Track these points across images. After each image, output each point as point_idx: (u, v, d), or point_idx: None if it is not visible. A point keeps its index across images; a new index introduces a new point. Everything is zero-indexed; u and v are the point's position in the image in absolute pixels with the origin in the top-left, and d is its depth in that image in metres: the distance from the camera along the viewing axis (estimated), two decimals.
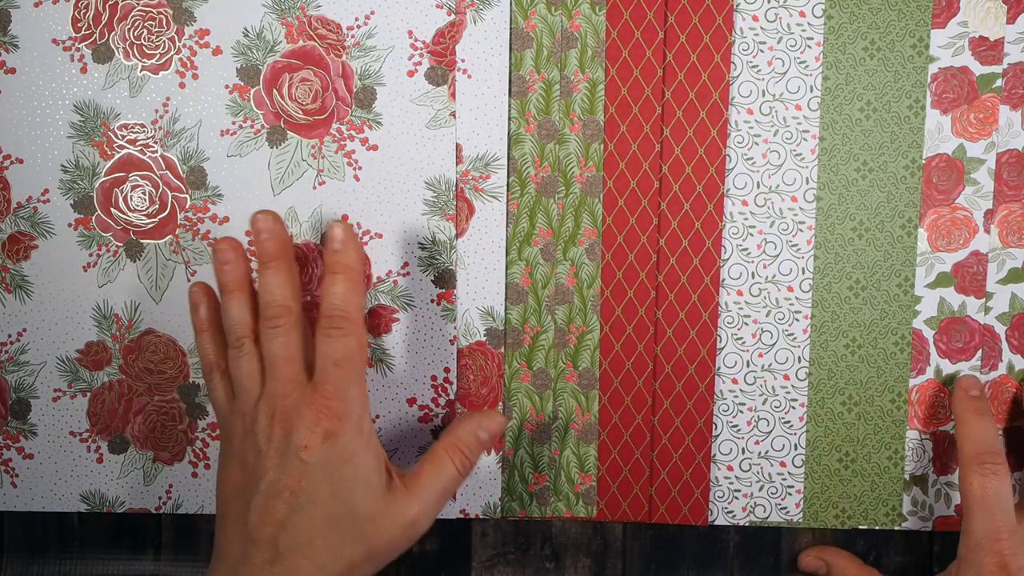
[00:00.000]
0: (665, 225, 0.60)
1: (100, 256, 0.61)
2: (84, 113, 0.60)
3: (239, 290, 0.56)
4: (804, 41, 0.60)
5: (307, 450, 0.52)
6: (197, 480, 0.62)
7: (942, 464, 0.62)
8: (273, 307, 0.54)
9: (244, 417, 0.54)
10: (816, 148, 0.60)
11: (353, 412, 0.53)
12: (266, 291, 0.55)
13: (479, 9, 0.59)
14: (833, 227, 0.61)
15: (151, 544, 0.64)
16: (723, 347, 0.61)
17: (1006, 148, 0.60)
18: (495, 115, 0.60)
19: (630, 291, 0.61)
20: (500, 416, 0.56)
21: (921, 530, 0.63)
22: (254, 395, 0.54)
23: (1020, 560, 0.55)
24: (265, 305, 0.54)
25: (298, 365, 0.54)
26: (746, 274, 0.61)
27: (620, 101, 0.60)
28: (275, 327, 0.54)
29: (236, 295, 0.55)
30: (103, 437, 0.62)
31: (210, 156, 0.60)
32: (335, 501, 0.52)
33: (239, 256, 0.56)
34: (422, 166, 0.60)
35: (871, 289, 0.61)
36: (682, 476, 0.62)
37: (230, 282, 0.56)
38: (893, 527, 0.62)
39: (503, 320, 0.61)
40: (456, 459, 0.55)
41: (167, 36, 0.60)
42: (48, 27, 0.60)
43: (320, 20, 0.60)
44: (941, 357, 0.61)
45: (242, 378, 0.54)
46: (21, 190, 0.61)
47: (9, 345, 0.61)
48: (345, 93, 0.60)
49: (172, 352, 0.62)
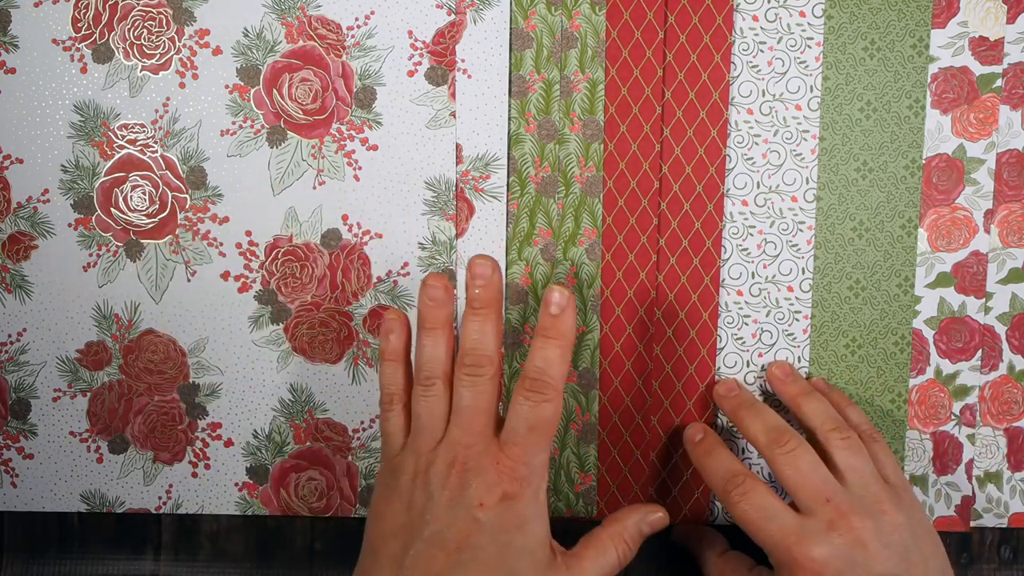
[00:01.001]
0: (665, 225, 0.60)
1: (100, 256, 0.61)
2: (84, 113, 0.60)
3: (440, 329, 0.54)
4: (804, 41, 0.60)
5: (482, 508, 0.50)
6: (197, 480, 0.62)
7: (942, 464, 0.62)
8: (476, 355, 0.53)
9: (419, 457, 0.52)
10: (816, 148, 0.60)
11: (534, 479, 0.52)
12: (471, 337, 0.53)
13: (479, 9, 0.59)
14: (833, 227, 0.61)
15: (151, 544, 0.64)
16: (723, 347, 0.61)
17: (1006, 148, 0.60)
18: (495, 115, 0.60)
19: (630, 291, 0.61)
20: (664, 513, 0.57)
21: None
22: (435, 438, 0.53)
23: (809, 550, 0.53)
24: (468, 351, 0.53)
25: (488, 418, 0.52)
26: (746, 274, 0.61)
27: (620, 101, 0.60)
28: (475, 375, 0.52)
29: (436, 333, 0.54)
30: (103, 437, 0.62)
31: (210, 156, 0.60)
32: (499, 566, 0.50)
33: (448, 296, 0.54)
34: (422, 166, 0.60)
35: (871, 289, 0.61)
36: (682, 476, 0.62)
37: (433, 319, 0.54)
38: None
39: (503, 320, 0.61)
40: (619, 548, 0.54)
41: (167, 36, 0.60)
42: (48, 27, 0.60)
43: (320, 20, 0.60)
44: (941, 357, 0.61)
45: (425, 417, 0.53)
46: (21, 190, 0.61)
47: (9, 345, 0.61)
48: (345, 93, 0.60)
49: (172, 352, 0.62)
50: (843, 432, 0.56)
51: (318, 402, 0.62)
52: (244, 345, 0.61)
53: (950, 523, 0.62)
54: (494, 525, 0.50)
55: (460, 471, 0.51)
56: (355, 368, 0.61)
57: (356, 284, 0.61)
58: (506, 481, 0.51)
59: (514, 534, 0.51)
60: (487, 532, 0.50)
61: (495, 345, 0.53)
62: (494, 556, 0.50)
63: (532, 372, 0.52)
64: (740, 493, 0.55)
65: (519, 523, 0.51)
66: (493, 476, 0.51)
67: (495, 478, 0.51)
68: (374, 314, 0.61)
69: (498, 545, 0.50)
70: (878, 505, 0.53)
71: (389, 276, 0.61)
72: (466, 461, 0.51)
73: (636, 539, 0.55)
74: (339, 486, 0.62)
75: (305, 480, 0.62)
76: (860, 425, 0.58)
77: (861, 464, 0.55)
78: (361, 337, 0.61)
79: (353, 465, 0.62)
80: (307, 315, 0.61)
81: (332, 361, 0.62)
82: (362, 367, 0.61)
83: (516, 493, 0.51)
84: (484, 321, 0.53)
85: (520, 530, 0.51)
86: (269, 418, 0.62)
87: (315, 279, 0.61)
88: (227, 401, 0.62)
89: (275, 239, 0.61)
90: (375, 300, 0.61)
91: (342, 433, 0.62)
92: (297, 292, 0.61)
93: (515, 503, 0.51)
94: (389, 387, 0.55)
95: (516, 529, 0.51)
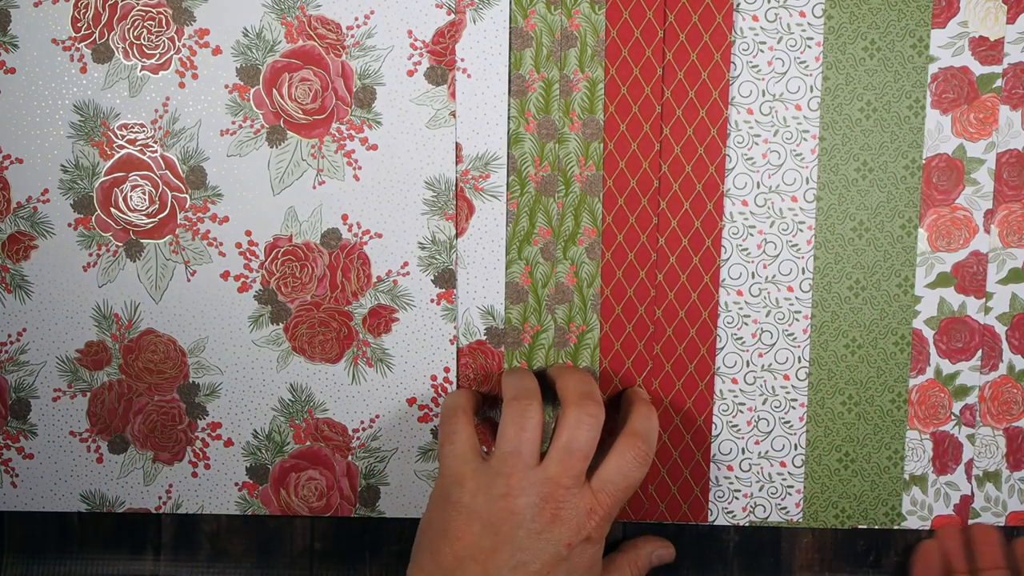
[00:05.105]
0: (665, 224, 0.60)
1: (100, 256, 0.61)
2: (84, 113, 0.60)
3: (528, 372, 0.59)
4: (804, 41, 0.60)
5: (568, 547, 0.53)
6: (197, 480, 0.62)
7: (942, 464, 0.62)
8: (594, 399, 0.55)
9: (507, 480, 0.53)
10: (816, 148, 0.60)
11: (608, 529, 0.55)
12: (588, 381, 0.56)
13: (479, 8, 0.59)
14: (833, 227, 0.61)
15: (151, 544, 0.64)
16: (723, 347, 0.61)
17: (1006, 148, 0.60)
18: (495, 114, 0.60)
19: (630, 290, 0.61)
20: (673, 550, 0.62)
21: (920, 529, 0.62)
22: (528, 465, 0.54)
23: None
24: (584, 393, 0.55)
25: (587, 463, 0.54)
26: (746, 274, 0.61)
27: (620, 100, 0.60)
28: (592, 416, 0.54)
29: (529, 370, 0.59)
30: (103, 437, 0.62)
31: (210, 156, 0.60)
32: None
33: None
34: (422, 166, 0.60)
35: (871, 289, 0.61)
36: (681, 474, 0.62)
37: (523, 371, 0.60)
38: (892, 526, 0.62)
39: (503, 319, 0.61)
40: (634, 570, 0.60)
41: (167, 36, 0.60)
42: (48, 27, 0.60)
43: (320, 20, 0.60)
44: (941, 357, 0.61)
45: (515, 441, 0.54)
46: (21, 190, 0.61)
47: (9, 345, 0.61)
48: (345, 93, 0.60)
49: (172, 352, 0.62)
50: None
51: (318, 402, 0.62)
52: (244, 345, 0.61)
53: (949, 522, 0.62)
54: (572, 563, 0.53)
55: (554, 507, 0.53)
56: (355, 368, 0.61)
57: (356, 284, 0.61)
58: (593, 527, 0.53)
59: (585, 574, 0.54)
60: (565, 568, 0.53)
61: (600, 395, 0.56)
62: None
63: (643, 431, 0.56)
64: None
65: (590, 565, 0.54)
66: (584, 520, 0.53)
67: (585, 522, 0.53)
68: (374, 314, 0.61)
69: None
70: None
71: (389, 276, 0.61)
72: (560, 500, 0.53)
73: (646, 567, 0.61)
74: (339, 486, 0.62)
75: (305, 480, 0.62)
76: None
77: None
78: (361, 337, 0.61)
79: (353, 465, 0.62)
80: (307, 315, 0.61)
81: (332, 361, 0.62)
82: (362, 367, 0.61)
83: (596, 538, 0.54)
84: (588, 374, 0.58)
85: (589, 571, 0.54)
86: (269, 418, 0.62)
87: (315, 279, 0.61)
88: (227, 401, 0.62)
89: (275, 239, 0.61)
90: (375, 300, 0.61)
91: (342, 433, 0.62)
92: (297, 292, 0.61)
93: (591, 546, 0.54)
94: (459, 401, 0.58)
95: (587, 570, 0.54)
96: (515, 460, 0.54)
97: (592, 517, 0.53)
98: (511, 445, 0.54)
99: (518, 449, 0.54)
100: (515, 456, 0.54)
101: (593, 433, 0.54)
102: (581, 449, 0.54)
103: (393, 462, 0.62)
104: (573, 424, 0.54)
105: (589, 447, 0.54)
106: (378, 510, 0.62)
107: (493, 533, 0.53)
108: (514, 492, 0.53)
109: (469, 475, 0.54)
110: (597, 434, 0.54)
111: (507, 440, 0.54)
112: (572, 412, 0.54)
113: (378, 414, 0.62)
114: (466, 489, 0.54)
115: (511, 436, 0.54)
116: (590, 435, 0.54)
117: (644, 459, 0.55)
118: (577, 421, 0.54)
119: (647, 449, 0.55)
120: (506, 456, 0.54)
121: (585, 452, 0.54)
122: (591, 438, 0.54)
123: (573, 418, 0.54)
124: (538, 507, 0.53)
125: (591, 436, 0.54)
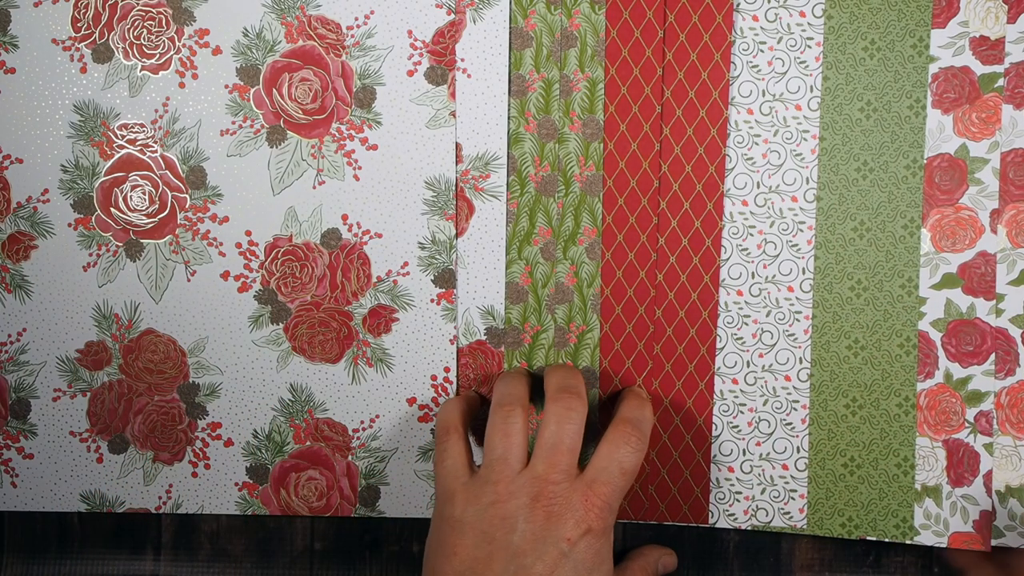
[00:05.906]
0: (665, 224, 0.60)
1: (100, 256, 0.61)
2: (84, 113, 0.60)
3: (520, 375, 0.58)
4: (804, 41, 0.60)
5: (569, 543, 0.52)
6: (197, 480, 0.62)
7: (957, 475, 0.60)
8: (573, 392, 0.55)
9: (495, 487, 0.53)
10: (816, 148, 0.60)
11: (612, 520, 0.54)
12: (568, 376, 0.56)
13: (479, 8, 0.59)
14: (834, 227, 0.60)
15: (151, 544, 0.64)
16: (723, 347, 0.61)
17: (1010, 148, 0.60)
18: (495, 114, 0.60)
19: (630, 290, 0.60)
20: (675, 558, 0.62)
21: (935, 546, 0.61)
22: (514, 469, 0.54)
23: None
24: (563, 387, 0.55)
25: (574, 456, 0.54)
26: (746, 274, 0.61)
27: (620, 100, 0.60)
28: (572, 409, 0.54)
29: (515, 373, 0.58)
30: (103, 437, 0.62)
31: (210, 156, 0.60)
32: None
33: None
34: (422, 166, 0.60)
35: (873, 290, 0.60)
36: (682, 474, 0.62)
37: (513, 373, 0.59)
38: (904, 540, 0.61)
39: (503, 319, 0.61)
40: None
41: (167, 36, 0.60)
42: (48, 27, 0.60)
43: (320, 20, 0.60)
44: (951, 360, 0.60)
45: (500, 448, 0.54)
46: (21, 190, 0.61)
47: (9, 345, 0.62)
48: (345, 93, 0.60)
49: (172, 352, 0.62)
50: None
51: (318, 402, 0.62)
52: (244, 345, 0.61)
53: (969, 540, 0.60)
54: (576, 559, 0.52)
55: (546, 505, 0.53)
56: (355, 368, 0.61)
57: (356, 284, 0.61)
58: (593, 518, 0.53)
59: (593, 570, 0.53)
60: (569, 565, 0.52)
61: (584, 388, 0.56)
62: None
63: (633, 418, 0.56)
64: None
65: (599, 561, 0.53)
66: (581, 512, 0.53)
67: (583, 514, 0.53)
68: (374, 313, 0.61)
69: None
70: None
71: (389, 276, 0.61)
72: (552, 496, 0.53)
73: (652, 573, 0.61)
74: (339, 486, 0.62)
75: (305, 480, 0.62)
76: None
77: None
78: (361, 337, 0.61)
79: (353, 465, 0.62)
80: (307, 315, 0.61)
81: (332, 361, 0.62)
82: (362, 367, 0.61)
83: (598, 530, 0.53)
84: (573, 370, 0.58)
85: (598, 569, 0.53)
86: (269, 418, 0.62)
87: (315, 279, 0.61)
88: (227, 401, 0.62)
89: (275, 239, 0.61)
90: (375, 300, 0.61)
91: (342, 433, 0.62)
92: (297, 292, 0.61)
93: (595, 540, 0.53)
94: (450, 418, 0.57)
95: (595, 568, 0.53)
96: (502, 466, 0.54)
97: (591, 509, 0.53)
98: (498, 452, 0.54)
99: (504, 456, 0.54)
100: (502, 463, 0.54)
101: (575, 426, 0.54)
102: (565, 443, 0.54)
103: (393, 462, 0.62)
104: (554, 420, 0.54)
105: (573, 441, 0.54)
106: (378, 510, 0.62)
107: (487, 542, 0.52)
108: (503, 498, 0.53)
109: (459, 489, 0.54)
110: (580, 427, 0.54)
111: (493, 448, 0.54)
112: (551, 408, 0.54)
113: (378, 414, 0.62)
114: (456, 503, 0.54)
115: (497, 443, 0.54)
116: (572, 428, 0.54)
117: (636, 445, 0.54)
118: (557, 416, 0.54)
119: (638, 435, 0.55)
120: (493, 464, 0.54)
121: (569, 446, 0.54)
122: (574, 431, 0.54)
123: (553, 414, 0.54)
124: (529, 508, 0.52)
125: (573, 429, 0.54)
